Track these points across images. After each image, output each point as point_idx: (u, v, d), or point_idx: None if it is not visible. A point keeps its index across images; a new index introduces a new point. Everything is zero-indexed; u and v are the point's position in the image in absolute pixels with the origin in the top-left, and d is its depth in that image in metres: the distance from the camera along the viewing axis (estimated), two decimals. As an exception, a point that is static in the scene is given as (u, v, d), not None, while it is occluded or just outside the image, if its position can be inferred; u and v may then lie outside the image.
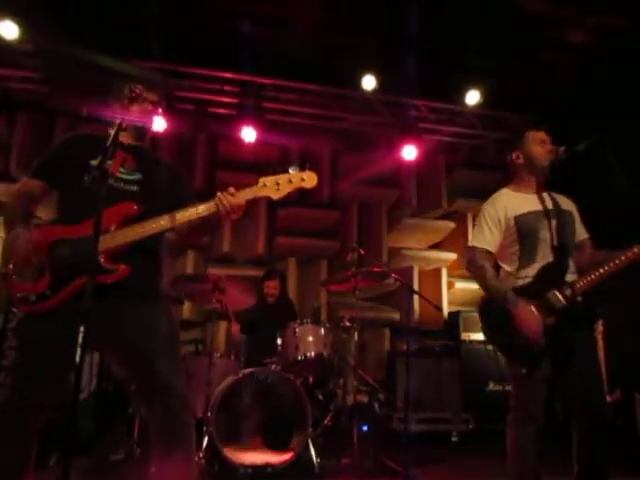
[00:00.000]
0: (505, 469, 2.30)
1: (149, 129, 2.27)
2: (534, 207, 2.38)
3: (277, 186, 2.02)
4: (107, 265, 1.90)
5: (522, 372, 2.19)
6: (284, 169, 2.04)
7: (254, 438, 3.43)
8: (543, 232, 2.33)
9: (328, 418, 3.96)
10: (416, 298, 5.69)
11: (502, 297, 2.27)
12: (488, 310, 2.39)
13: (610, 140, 2.28)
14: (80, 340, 1.49)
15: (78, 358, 1.48)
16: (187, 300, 4.89)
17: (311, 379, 3.98)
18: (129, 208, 1.98)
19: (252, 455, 3.33)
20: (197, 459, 3.22)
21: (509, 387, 2.36)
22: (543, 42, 4.88)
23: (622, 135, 2.99)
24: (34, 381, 1.86)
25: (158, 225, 1.96)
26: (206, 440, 3.36)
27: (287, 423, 3.46)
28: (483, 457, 4.14)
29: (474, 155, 6.61)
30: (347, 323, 4.23)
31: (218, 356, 3.90)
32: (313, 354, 3.70)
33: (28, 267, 1.88)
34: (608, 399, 4.22)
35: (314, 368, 3.92)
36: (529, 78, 5.34)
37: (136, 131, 2.15)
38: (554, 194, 2.48)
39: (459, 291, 6.21)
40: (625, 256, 2.23)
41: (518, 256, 2.37)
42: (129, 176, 2.07)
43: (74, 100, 4.94)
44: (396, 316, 6.02)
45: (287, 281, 5.52)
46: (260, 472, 3.25)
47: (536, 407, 2.24)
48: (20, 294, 1.90)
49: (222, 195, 1.96)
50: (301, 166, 2.06)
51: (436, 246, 6.49)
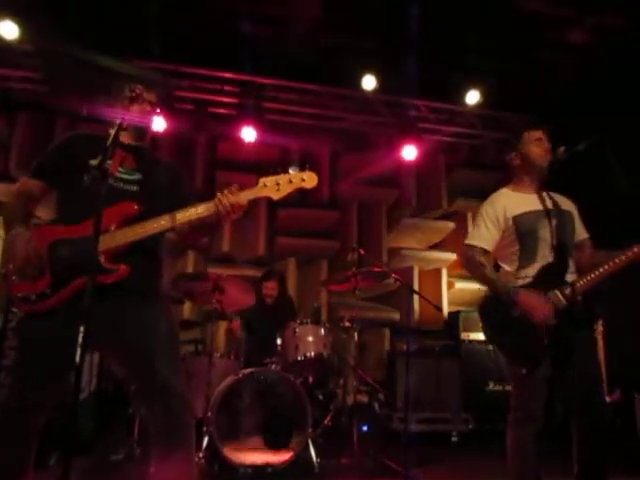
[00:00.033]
0: (505, 469, 2.30)
1: (149, 129, 2.28)
2: (534, 207, 2.38)
3: (277, 186, 2.02)
4: (107, 265, 1.90)
5: (522, 372, 2.19)
6: (284, 169, 2.04)
7: (254, 438, 3.42)
8: (542, 231, 2.32)
9: (328, 418, 3.96)
10: (416, 298, 5.69)
11: (503, 289, 2.27)
12: (488, 310, 2.39)
13: (610, 140, 2.28)
14: (80, 340, 1.49)
15: (78, 358, 1.48)
16: (187, 300, 4.88)
17: (311, 379, 3.98)
18: (129, 208, 1.98)
19: (252, 455, 3.33)
20: (197, 459, 3.22)
21: (509, 387, 2.36)
22: (543, 42, 4.88)
23: (622, 135, 2.99)
24: (34, 381, 1.86)
25: (158, 225, 1.96)
26: (206, 440, 3.36)
27: (287, 423, 3.45)
28: (483, 457, 4.14)
29: (474, 155, 6.61)
30: (347, 323, 4.23)
31: (218, 356, 3.90)
32: (313, 354, 3.70)
33: (28, 267, 1.88)
34: (608, 399, 4.23)
35: (314, 368, 3.92)
36: (529, 78, 5.34)
37: (136, 131, 2.15)
38: (553, 194, 2.48)
39: (459, 291, 6.21)
40: (625, 256, 2.23)
41: (518, 256, 2.37)
42: (129, 176, 2.07)
43: (74, 100, 4.94)
44: (396, 316, 6.01)
45: (286, 281, 5.51)
46: (260, 472, 3.25)
47: (536, 407, 2.24)
48: (20, 294, 1.90)
49: (222, 195, 1.96)
50: (301, 166, 2.07)
51: (436, 246, 6.48)
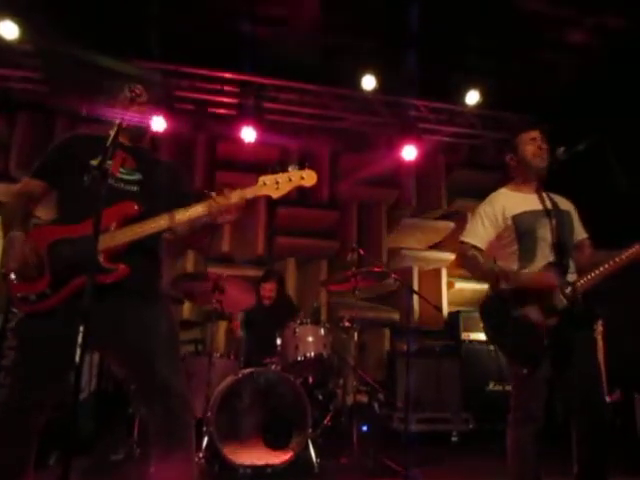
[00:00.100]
0: (505, 469, 2.30)
1: (149, 129, 2.28)
2: (533, 206, 2.38)
3: (277, 185, 2.02)
4: (107, 265, 1.90)
5: (523, 372, 2.19)
6: (283, 168, 2.04)
7: (254, 438, 3.42)
8: (542, 231, 2.32)
9: (328, 418, 3.96)
10: (416, 298, 5.68)
11: (500, 274, 2.28)
12: (489, 310, 2.38)
13: (610, 140, 2.28)
14: (80, 340, 1.49)
15: (78, 358, 1.48)
16: (187, 300, 4.88)
17: (311, 379, 3.98)
18: (129, 208, 1.98)
19: (252, 455, 3.32)
20: (197, 459, 3.22)
21: (509, 387, 2.36)
22: (543, 42, 4.88)
23: (622, 135, 2.99)
24: (34, 381, 1.86)
25: (158, 225, 1.96)
26: (206, 440, 3.36)
27: (287, 423, 3.45)
28: (483, 457, 4.14)
29: (474, 155, 6.61)
30: (347, 323, 4.23)
31: (218, 356, 3.91)
32: (313, 354, 3.70)
33: (26, 268, 1.88)
34: (608, 399, 4.22)
35: (314, 368, 3.92)
36: (529, 78, 5.34)
37: (136, 131, 2.15)
38: (552, 194, 2.48)
39: (459, 291, 6.21)
40: (626, 254, 2.22)
41: (517, 255, 2.37)
42: (129, 176, 2.07)
43: (74, 100, 4.94)
44: (396, 316, 6.01)
45: (285, 282, 5.51)
46: (260, 472, 3.25)
47: (536, 407, 2.23)
48: (20, 294, 1.90)
49: (216, 196, 1.96)
50: (300, 165, 2.07)
51: (436, 246, 6.48)
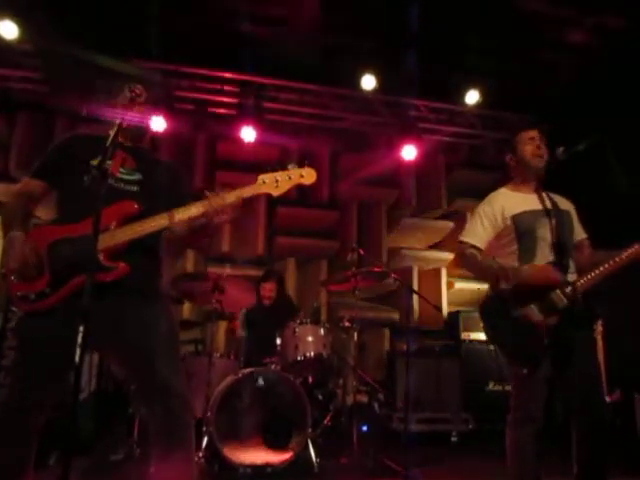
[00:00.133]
0: (505, 469, 2.30)
1: (149, 129, 2.28)
2: (533, 206, 2.38)
3: (276, 183, 2.02)
4: (106, 263, 1.90)
5: (523, 372, 2.19)
6: (283, 166, 2.05)
7: (254, 438, 3.42)
8: (542, 231, 2.32)
9: (328, 418, 3.96)
10: (416, 298, 5.68)
11: (500, 271, 2.28)
12: (489, 310, 2.38)
13: (610, 140, 2.28)
14: (79, 340, 1.49)
15: (78, 358, 1.48)
16: (187, 300, 4.88)
17: (311, 379, 3.98)
18: (129, 207, 1.98)
19: (252, 455, 3.33)
20: (197, 459, 3.22)
21: (509, 387, 2.36)
22: (543, 42, 4.88)
23: (622, 135, 2.99)
24: (34, 381, 1.86)
25: (157, 223, 1.96)
26: (206, 440, 3.37)
27: (287, 423, 3.45)
28: (483, 457, 4.13)
29: (474, 155, 6.61)
30: (347, 323, 4.23)
31: (218, 356, 3.91)
32: (313, 354, 3.70)
33: (26, 268, 1.88)
34: (608, 399, 4.22)
35: (314, 368, 3.92)
36: (529, 78, 5.34)
37: (136, 131, 2.15)
38: (551, 194, 2.48)
39: (459, 291, 6.21)
40: (626, 254, 2.22)
41: (517, 255, 2.36)
42: (129, 176, 2.07)
43: (74, 100, 4.94)
44: (396, 316, 6.01)
45: (285, 282, 5.51)
46: (260, 472, 3.25)
47: (536, 407, 2.23)
48: (20, 293, 1.90)
49: (211, 197, 1.96)
50: (300, 163, 2.07)
51: (436, 246, 6.48)
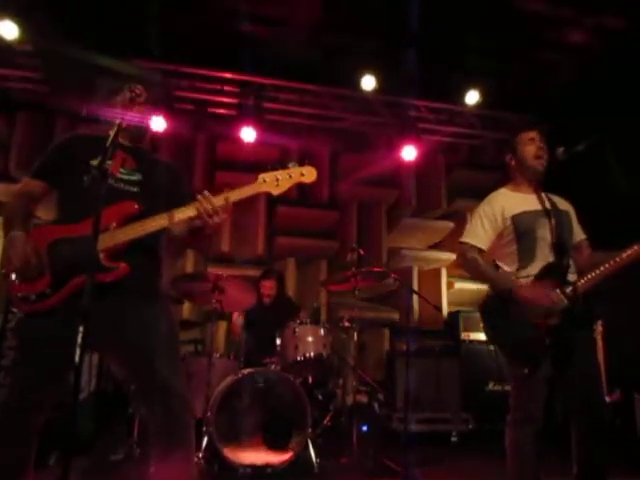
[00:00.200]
0: (505, 469, 2.30)
1: (149, 129, 2.28)
2: (532, 206, 2.39)
3: (277, 182, 2.03)
4: (107, 263, 1.90)
5: (524, 372, 2.19)
6: (283, 165, 2.05)
7: (254, 438, 3.42)
8: (541, 231, 2.33)
9: (327, 418, 3.97)
10: (416, 298, 5.69)
11: (501, 282, 2.28)
12: (489, 310, 2.38)
13: (610, 140, 2.28)
14: (79, 340, 1.49)
15: (77, 358, 1.48)
16: (187, 300, 4.88)
17: (310, 379, 3.98)
18: (129, 207, 1.98)
19: (251, 455, 3.33)
20: (196, 459, 3.22)
21: (509, 387, 2.35)
22: (543, 42, 4.88)
23: (622, 135, 2.99)
24: (33, 381, 1.86)
25: (157, 223, 1.96)
26: (206, 440, 3.36)
27: (286, 423, 3.45)
28: (483, 457, 4.14)
29: (474, 155, 6.61)
30: (347, 323, 4.24)
31: (218, 356, 3.90)
32: (312, 354, 3.70)
33: (27, 268, 1.88)
34: (608, 399, 4.22)
35: (313, 368, 3.92)
36: (529, 78, 5.34)
37: (136, 131, 2.15)
38: (550, 195, 2.48)
39: (459, 291, 6.21)
40: (626, 254, 2.22)
41: (517, 255, 2.37)
42: (129, 176, 2.07)
43: (74, 100, 4.93)
44: (396, 316, 6.01)
45: (285, 281, 5.51)
46: (259, 472, 3.25)
47: (536, 407, 2.23)
48: (20, 293, 1.90)
49: (201, 198, 1.95)
50: (300, 162, 2.08)
51: (436, 246, 6.48)
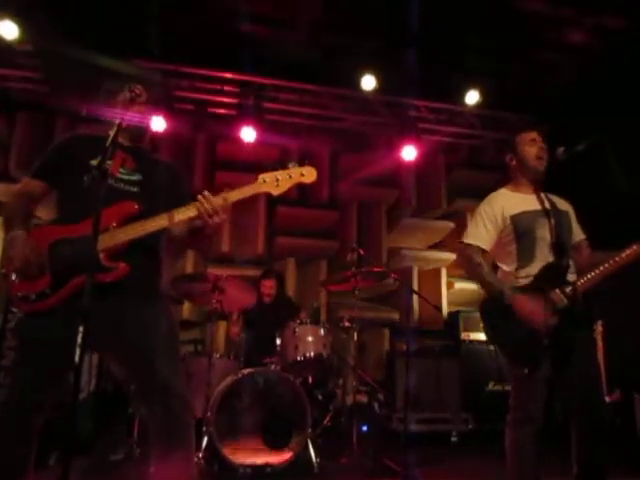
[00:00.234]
0: (505, 469, 2.29)
1: (148, 129, 2.28)
2: (532, 206, 2.38)
3: (277, 182, 2.03)
4: (107, 263, 1.90)
5: (524, 372, 2.19)
6: (283, 165, 2.05)
7: (254, 438, 3.42)
8: (541, 231, 2.32)
9: (327, 418, 3.97)
10: (416, 298, 5.69)
11: (499, 293, 2.27)
12: (489, 310, 2.38)
13: (610, 140, 2.28)
14: (79, 340, 1.49)
15: (77, 358, 1.48)
16: (187, 300, 4.88)
17: (310, 379, 3.98)
18: (130, 207, 1.98)
19: (251, 455, 3.33)
20: (196, 459, 3.22)
21: (509, 387, 2.35)
22: (543, 42, 4.88)
23: (622, 135, 2.99)
24: (33, 381, 1.86)
25: (157, 224, 1.96)
26: (205, 440, 3.36)
27: (286, 423, 3.45)
28: (483, 457, 4.14)
29: (474, 155, 6.61)
30: (347, 323, 4.24)
31: (218, 356, 3.91)
32: (312, 354, 3.70)
33: (28, 267, 1.88)
34: (608, 399, 4.22)
35: (313, 368, 3.92)
36: (529, 78, 5.34)
37: (136, 131, 2.15)
38: (550, 195, 2.48)
39: (459, 291, 6.21)
40: (626, 254, 2.22)
41: (516, 255, 2.37)
42: (129, 177, 2.07)
43: (74, 100, 4.93)
44: (396, 316, 6.01)
45: (285, 281, 5.51)
46: (259, 472, 3.25)
47: (535, 407, 2.23)
48: (20, 293, 1.90)
49: (202, 198, 1.95)
50: (300, 162, 2.08)
51: (436, 246, 6.48)
